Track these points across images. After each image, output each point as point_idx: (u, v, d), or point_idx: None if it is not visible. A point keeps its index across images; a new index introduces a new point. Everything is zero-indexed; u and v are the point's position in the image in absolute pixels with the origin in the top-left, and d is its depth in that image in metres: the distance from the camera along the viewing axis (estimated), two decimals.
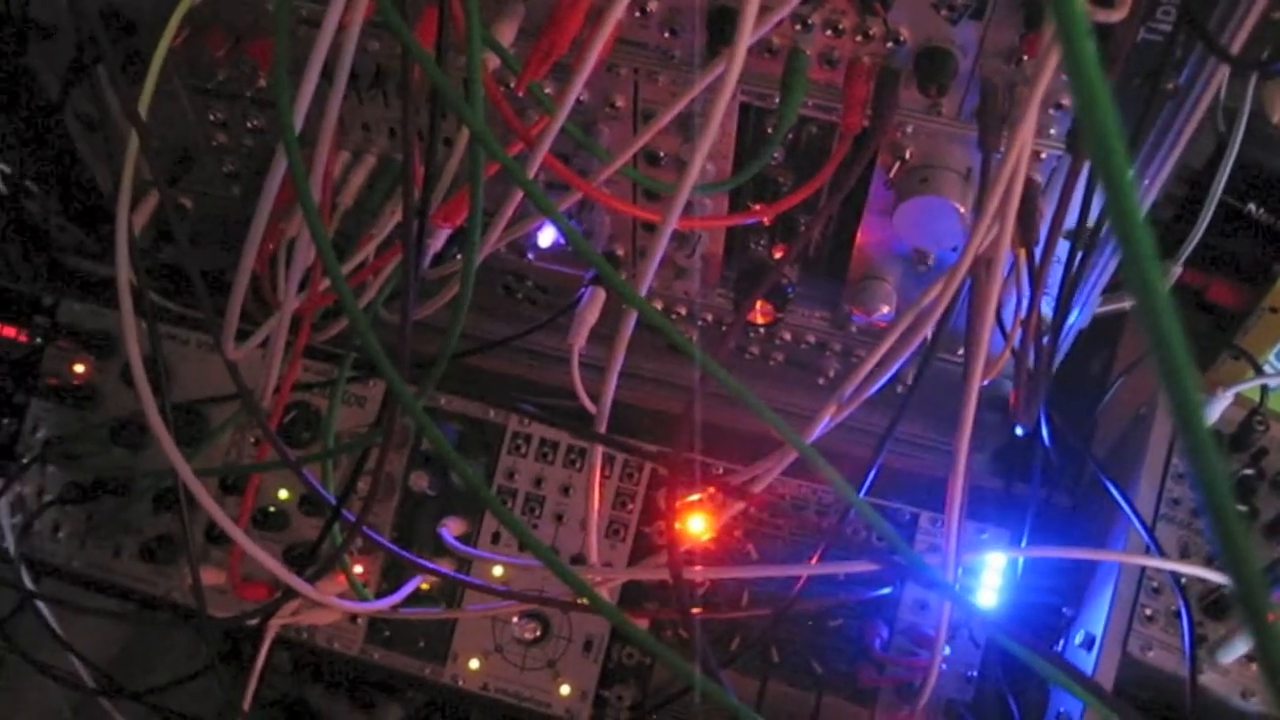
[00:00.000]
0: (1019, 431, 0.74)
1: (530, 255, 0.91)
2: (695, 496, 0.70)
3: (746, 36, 0.51)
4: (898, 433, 0.93)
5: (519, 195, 0.64)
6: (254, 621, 0.76)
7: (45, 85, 0.89)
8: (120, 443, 0.90)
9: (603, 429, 0.67)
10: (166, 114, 0.89)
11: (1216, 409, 0.82)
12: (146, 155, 0.68)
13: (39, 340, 0.93)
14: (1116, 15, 0.57)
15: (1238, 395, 0.81)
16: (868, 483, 0.68)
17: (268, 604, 0.76)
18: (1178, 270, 0.89)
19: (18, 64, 0.88)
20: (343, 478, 0.87)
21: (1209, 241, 1.02)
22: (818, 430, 0.67)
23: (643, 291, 0.58)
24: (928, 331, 0.66)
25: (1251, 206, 0.98)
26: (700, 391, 0.60)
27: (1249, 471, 0.80)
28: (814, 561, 0.69)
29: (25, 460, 0.90)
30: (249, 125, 0.88)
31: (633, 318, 0.60)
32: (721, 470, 0.86)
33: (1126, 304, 0.90)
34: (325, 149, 0.60)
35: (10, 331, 0.94)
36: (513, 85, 0.65)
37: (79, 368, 0.93)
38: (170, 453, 0.63)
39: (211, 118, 0.88)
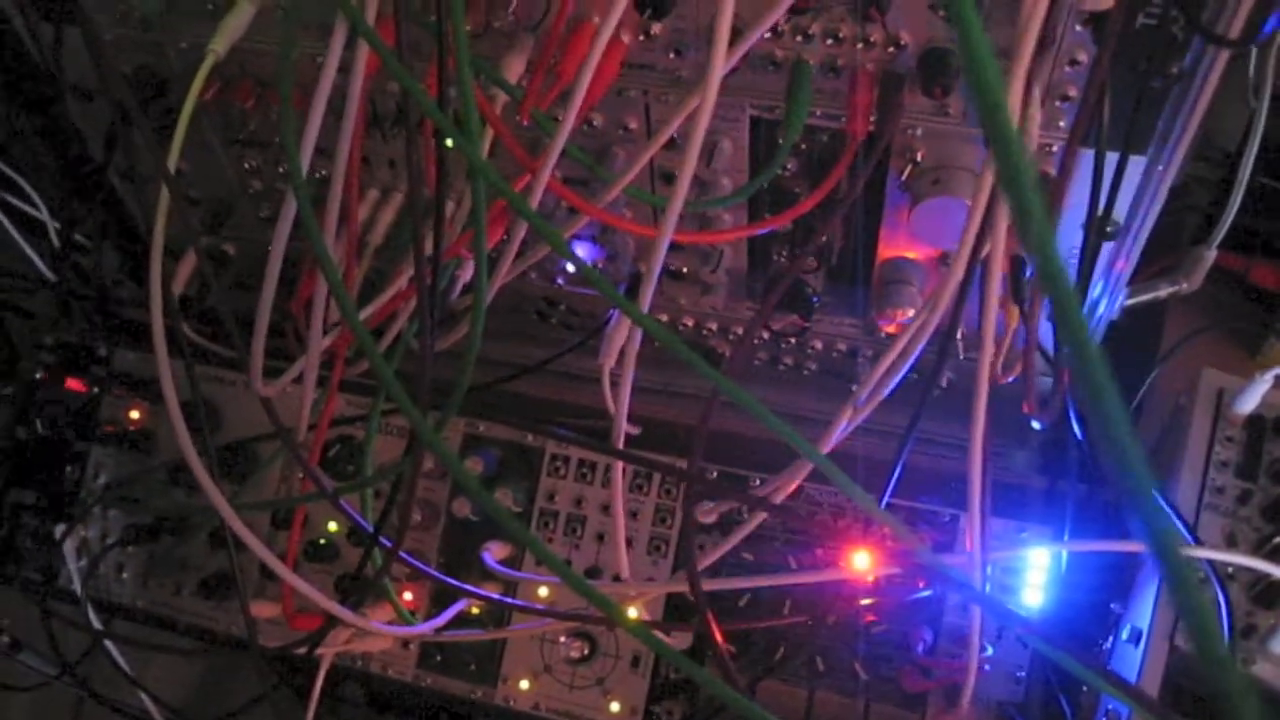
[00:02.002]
0: (1036, 426, 0.73)
1: (560, 280, 0.92)
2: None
3: (720, 65, 0.51)
4: (938, 435, 0.94)
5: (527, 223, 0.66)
6: (302, 650, 0.78)
7: (90, 145, 0.93)
8: (176, 483, 0.94)
9: (620, 444, 0.68)
10: (204, 165, 0.93)
11: (1257, 393, 0.80)
12: (177, 208, 0.71)
13: (96, 390, 0.97)
14: (1105, 3, 0.58)
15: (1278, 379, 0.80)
16: (890, 486, 0.68)
17: (314, 633, 0.78)
18: (1211, 255, 0.87)
19: (64, 125, 0.92)
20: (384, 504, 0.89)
21: (1247, 224, 1.00)
22: (834, 437, 0.67)
23: (645, 306, 0.59)
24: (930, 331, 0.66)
25: None
26: (715, 403, 0.61)
27: None
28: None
29: (91, 507, 0.94)
30: (281, 170, 0.91)
31: (638, 334, 0.61)
32: (759, 481, 0.86)
33: (1161, 292, 0.88)
34: (339, 189, 0.62)
35: (70, 383, 0.98)
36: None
37: (134, 414, 0.97)
38: (210, 492, 0.66)
39: (246, 166, 0.91)
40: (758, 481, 0.88)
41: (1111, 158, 0.71)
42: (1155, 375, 0.94)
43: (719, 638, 0.63)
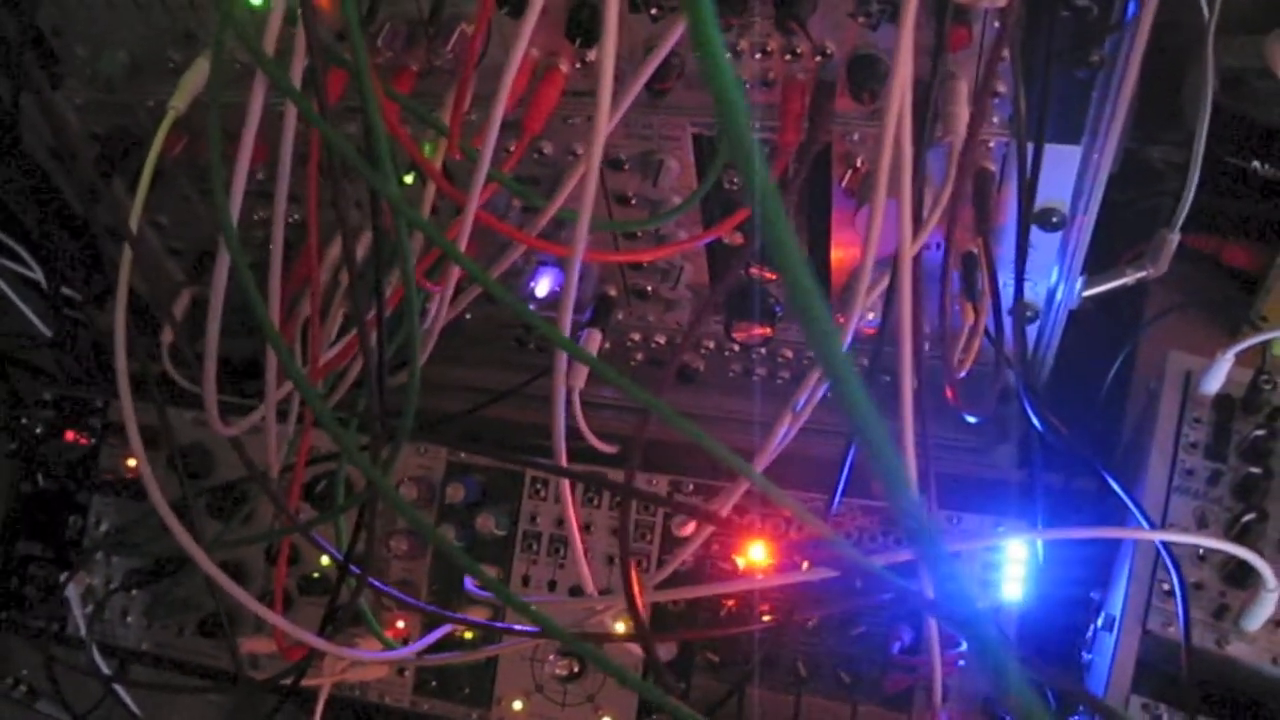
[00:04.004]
0: (970, 420, 0.74)
1: (531, 306, 0.94)
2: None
3: (604, 127, 0.53)
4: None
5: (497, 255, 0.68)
6: (288, 681, 0.80)
7: (71, 202, 0.96)
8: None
9: (562, 462, 0.69)
10: (183, 216, 0.96)
11: (1221, 373, 0.80)
12: (140, 263, 0.74)
13: (94, 440, 1.01)
14: (1001, 1, 0.59)
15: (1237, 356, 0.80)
16: (839, 492, 0.69)
17: (297, 664, 0.80)
18: (1174, 238, 0.87)
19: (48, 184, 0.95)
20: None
21: (1218, 206, 1.00)
22: (773, 446, 0.68)
23: (566, 326, 0.60)
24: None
25: (1256, 164, 0.96)
26: (649, 419, 0.62)
27: (1260, 432, 0.78)
28: (804, 568, 0.70)
29: (90, 553, 0.97)
30: (255, 217, 0.93)
31: (563, 358, 0.63)
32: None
33: (1127, 279, 0.88)
34: (280, 234, 0.64)
35: (70, 436, 1.01)
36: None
37: (131, 461, 1.00)
38: (179, 534, 0.68)
39: None
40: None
41: (1053, 149, 0.72)
42: (1121, 360, 0.94)
43: (656, 651, 0.64)
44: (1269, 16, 0.96)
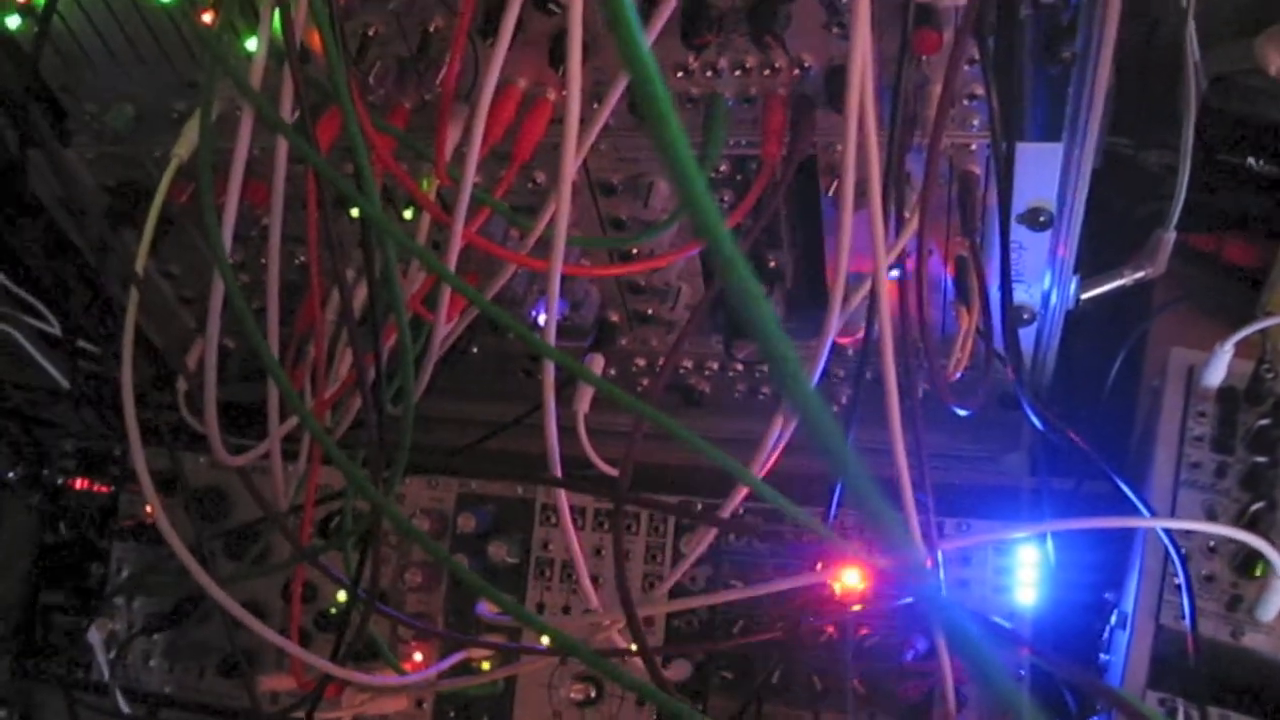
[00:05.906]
0: (961, 413, 0.74)
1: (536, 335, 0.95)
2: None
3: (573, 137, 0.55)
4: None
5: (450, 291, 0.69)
6: (300, 714, 0.81)
7: (86, 254, 0.99)
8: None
9: (557, 473, 0.70)
10: (193, 264, 0.98)
11: (1221, 365, 0.80)
12: (152, 312, 0.75)
13: (114, 488, 1.03)
14: None
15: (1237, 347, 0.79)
16: (835, 499, 0.69)
17: (310, 694, 0.81)
18: (1170, 236, 0.87)
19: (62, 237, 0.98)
20: (392, 571, 0.93)
21: (1216, 203, 1.00)
22: (766, 451, 0.68)
23: (551, 336, 0.62)
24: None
25: (1252, 160, 0.96)
26: (641, 428, 0.63)
27: (1265, 422, 0.77)
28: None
29: (109, 597, 0.99)
30: (263, 262, 0.95)
31: (550, 369, 0.64)
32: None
33: (1125, 279, 0.89)
34: (275, 273, 0.66)
35: (90, 485, 1.04)
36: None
37: (150, 507, 1.01)
38: (197, 574, 0.70)
39: (231, 260, 0.96)
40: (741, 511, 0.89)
41: (1034, 147, 0.72)
42: (1126, 360, 0.94)
43: (654, 659, 0.64)
44: (1251, 20, 0.97)
